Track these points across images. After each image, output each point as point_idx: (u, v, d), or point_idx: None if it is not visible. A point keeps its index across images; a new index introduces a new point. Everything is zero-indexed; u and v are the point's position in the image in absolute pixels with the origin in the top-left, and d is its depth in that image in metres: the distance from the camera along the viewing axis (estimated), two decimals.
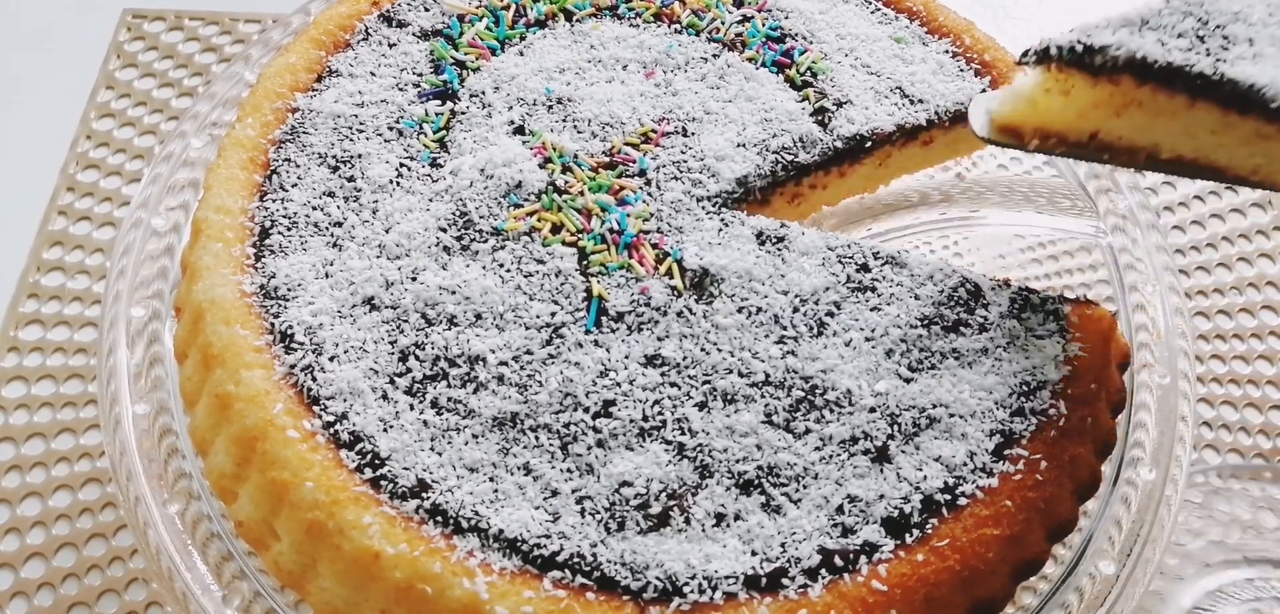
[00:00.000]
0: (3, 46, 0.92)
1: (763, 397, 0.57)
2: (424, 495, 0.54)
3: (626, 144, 0.68)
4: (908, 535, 0.53)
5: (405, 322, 0.60)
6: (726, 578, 0.52)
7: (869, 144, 0.70)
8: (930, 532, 0.53)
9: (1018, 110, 0.61)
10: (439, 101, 0.70)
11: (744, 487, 0.55)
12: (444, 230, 0.63)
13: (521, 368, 0.58)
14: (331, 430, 0.55)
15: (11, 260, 0.77)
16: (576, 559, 0.52)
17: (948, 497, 0.54)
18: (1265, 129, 0.56)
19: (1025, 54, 0.60)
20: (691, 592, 0.51)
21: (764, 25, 0.75)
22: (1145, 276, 0.69)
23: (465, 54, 0.73)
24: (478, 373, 0.58)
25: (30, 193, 0.81)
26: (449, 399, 0.57)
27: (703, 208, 0.65)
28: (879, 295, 0.62)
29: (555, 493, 0.54)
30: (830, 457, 0.56)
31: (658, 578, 0.52)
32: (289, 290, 0.60)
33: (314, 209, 0.64)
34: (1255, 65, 0.55)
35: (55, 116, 0.85)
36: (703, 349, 0.59)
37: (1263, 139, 0.56)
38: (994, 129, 0.62)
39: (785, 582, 0.52)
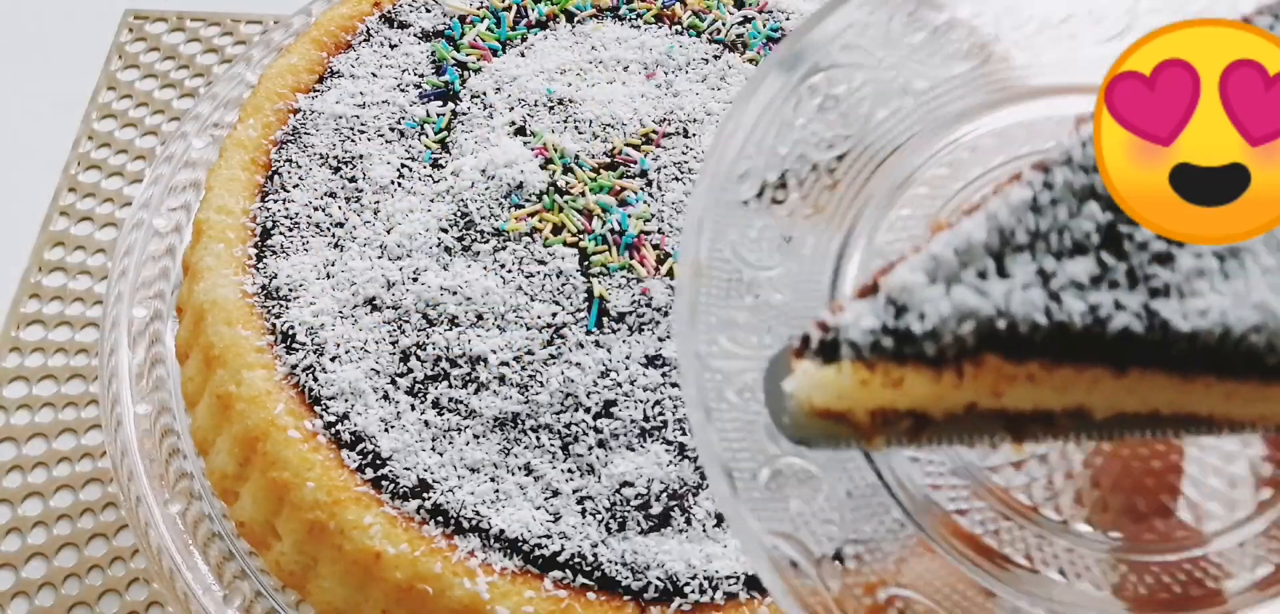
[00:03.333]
0: (3, 47, 0.92)
1: None
2: (425, 496, 0.54)
3: (627, 145, 0.68)
4: None
5: (407, 322, 0.60)
6: (727, 578, 0.52)
7: None
8: None
9: (836, 400, 0.36)
10: (440, 102, 0.70)
11: None
12: (445, 231, 0.63)
13: (523, 368, 0.58)
14: (333, 431, 0.55)
15: (14, 260, 0.77)
16: (577, 559, 0.52)
17: None
18: (1264, 390, 0.34)
19: (804, 345, 0.35)
20: (692, 592, 0.51)
21: (765, 27, 0.75)
22: None
23: (466, 55, 0.73)
24: (479, 373, 0.58)
25: (32, 193, 0.81)
26: (450, 399, 0.57)
27: None
28: None
29: (556, 493, 0.54)
30: None
31: (659, 578, 0.52)
32: (290, 291, 0.61)
33: (315, 210, 0.64)
34: (1227, 287, 0.33)
35: (57, 117, 0.85)
36: None
37: (1264, 399, 0.35)
38: (809, 417, 0.37)
39: None
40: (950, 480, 0.41)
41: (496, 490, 0.54)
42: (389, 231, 0.63)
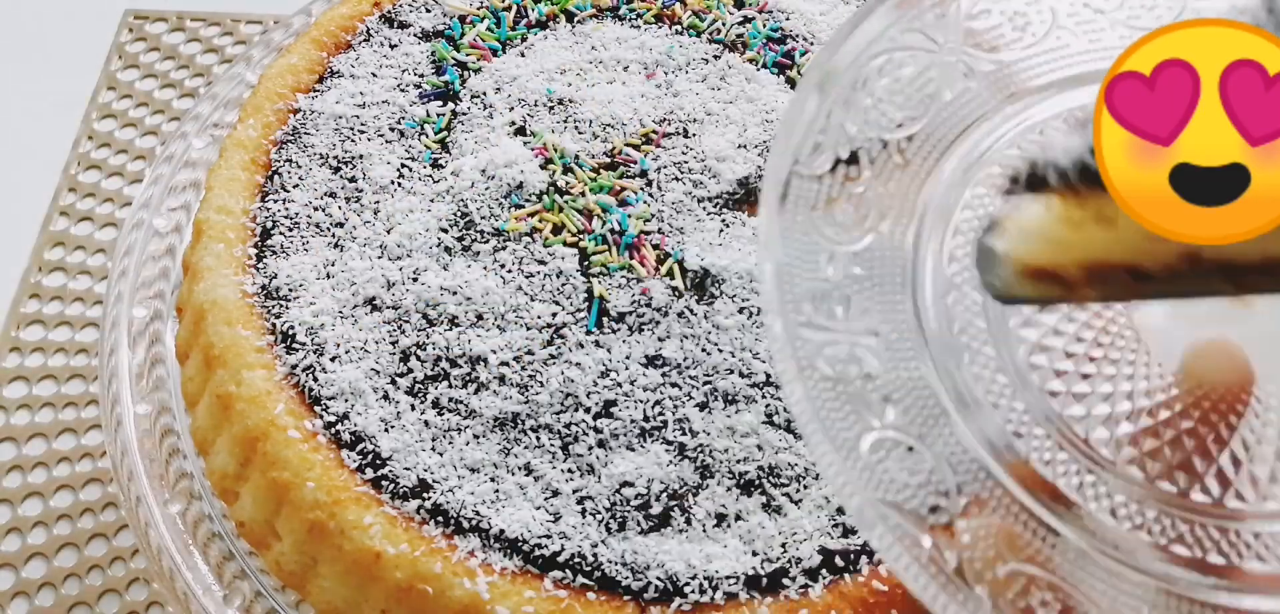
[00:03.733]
0: (3, 47, 0.92)
1: (763, 397, 0.57)
2: (425, 496, 0.54)
3: (627, 145, 0.68)
4: None
5: (406, 322, 0.60)
6: (727, 578, 0.52)
7: None
8: None
9: (1046, 251, 0.37)
10: (440, 102, 0.70)
11: (745, 487, 0.55)
12: (445, 231, 0.63)
13: (523, 368, 0.58)
14: (333, 431, 0.55)
15: (14, 260, 0.78)
16: (577, 559, 0.52)
17: None
18: None
19: (1013, 182, 0.37)
20: (692, 592, 0.51)
21: (765, 26, 0.75)
22: None
23: (466, 55, 0.73)
24: (479, 373, 0.58)
25: (32, 193, 0.81)
26: (450, 399, 0.57)
27: (704, 209, 0.65)
28: None
29: (556, 493, 0.54)
30: None
31: (659, 578, 0.52)
32: (290, 291, 0.61)
33: (315, 210, 0.64)
34: None
35: (57, 117, 0.85)
36: (704, 349, 0.59)
37: None
38: (1019, 279, 0.38)
39: (786, 582, 0.52)
40: (1033, 430, 0.41)
41: (496, 490, 0.54)
42: (389, 231, 0.63)
